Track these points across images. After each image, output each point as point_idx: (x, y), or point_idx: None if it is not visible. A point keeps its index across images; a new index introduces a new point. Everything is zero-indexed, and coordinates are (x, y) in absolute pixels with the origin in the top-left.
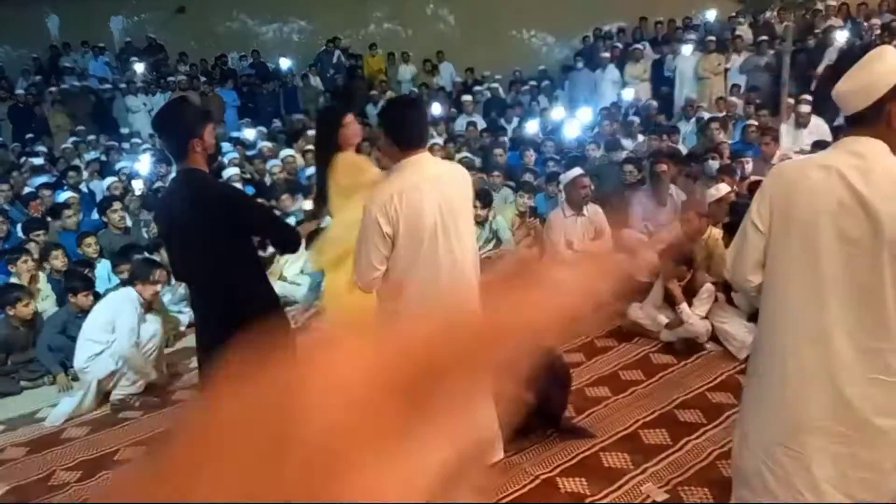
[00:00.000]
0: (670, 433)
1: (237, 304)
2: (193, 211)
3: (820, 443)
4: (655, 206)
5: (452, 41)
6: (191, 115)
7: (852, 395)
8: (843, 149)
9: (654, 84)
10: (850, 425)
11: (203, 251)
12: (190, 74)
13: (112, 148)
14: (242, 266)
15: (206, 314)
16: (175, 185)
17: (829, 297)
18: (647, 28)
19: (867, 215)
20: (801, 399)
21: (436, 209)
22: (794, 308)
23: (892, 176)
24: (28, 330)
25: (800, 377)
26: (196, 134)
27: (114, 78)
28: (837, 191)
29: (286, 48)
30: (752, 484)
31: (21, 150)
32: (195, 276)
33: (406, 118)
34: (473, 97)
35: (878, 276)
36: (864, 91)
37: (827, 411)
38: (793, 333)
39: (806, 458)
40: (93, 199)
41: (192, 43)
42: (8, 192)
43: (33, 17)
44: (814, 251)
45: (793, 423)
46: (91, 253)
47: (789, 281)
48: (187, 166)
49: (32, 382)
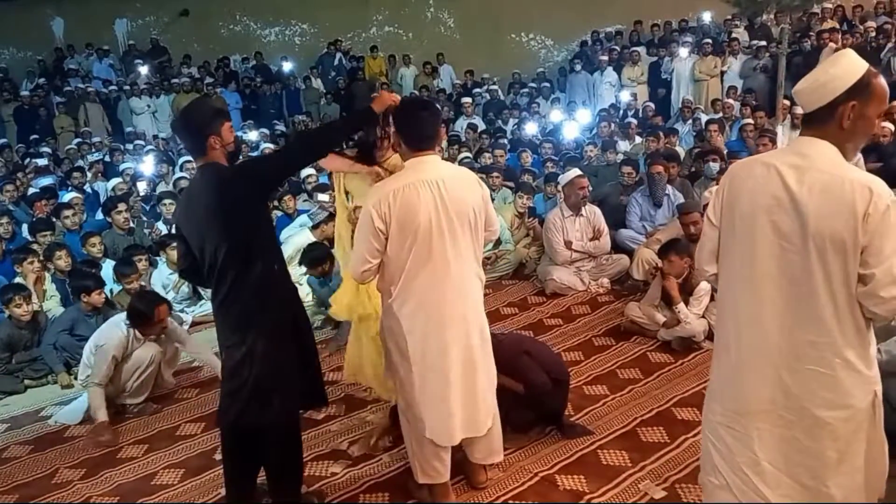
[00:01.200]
0: (668, 431)
1: (266, 289)
2: (217, 195)
3: (762, 424)
4: (652, 206)
5: (452, 44)
6: (208, 113)
7: (791, 382)
8: (791, 148)
9: (651, 86)
10: (790, 411)
11: (229, 235)
12: (193, 76)
13: (116, 149)
14: (269, 252)
15: (230, 305)
16: (196, 181)
17: (765, 288)
18: (644, 31)
19: (796, 212)
20: (743, 382)
21: (431, 210)
22: (736, 297)
23: (828, 175)
24: (32, 329)
25: (741, 362)
26: (214, 131)
27: (118, 80)
28: (773, 187)
29: (288, 50)
30: (704, 463)
31: (25, 152)
32: (224, 263)
33: (418, 119)
34: (473, 99)
35: (808, 272)
36: (819, 92)
37: (768, 395)
38: (734, 320)
39: (749, 439)
40: (97, 200)
41: (196, 45)
42: (13, 193)
43: (38, 20)
44: (752, 244)
45: (736, 404)
46: (96, 253)
47: (733, 271)
48: (207, 161)
49: (36, 381)
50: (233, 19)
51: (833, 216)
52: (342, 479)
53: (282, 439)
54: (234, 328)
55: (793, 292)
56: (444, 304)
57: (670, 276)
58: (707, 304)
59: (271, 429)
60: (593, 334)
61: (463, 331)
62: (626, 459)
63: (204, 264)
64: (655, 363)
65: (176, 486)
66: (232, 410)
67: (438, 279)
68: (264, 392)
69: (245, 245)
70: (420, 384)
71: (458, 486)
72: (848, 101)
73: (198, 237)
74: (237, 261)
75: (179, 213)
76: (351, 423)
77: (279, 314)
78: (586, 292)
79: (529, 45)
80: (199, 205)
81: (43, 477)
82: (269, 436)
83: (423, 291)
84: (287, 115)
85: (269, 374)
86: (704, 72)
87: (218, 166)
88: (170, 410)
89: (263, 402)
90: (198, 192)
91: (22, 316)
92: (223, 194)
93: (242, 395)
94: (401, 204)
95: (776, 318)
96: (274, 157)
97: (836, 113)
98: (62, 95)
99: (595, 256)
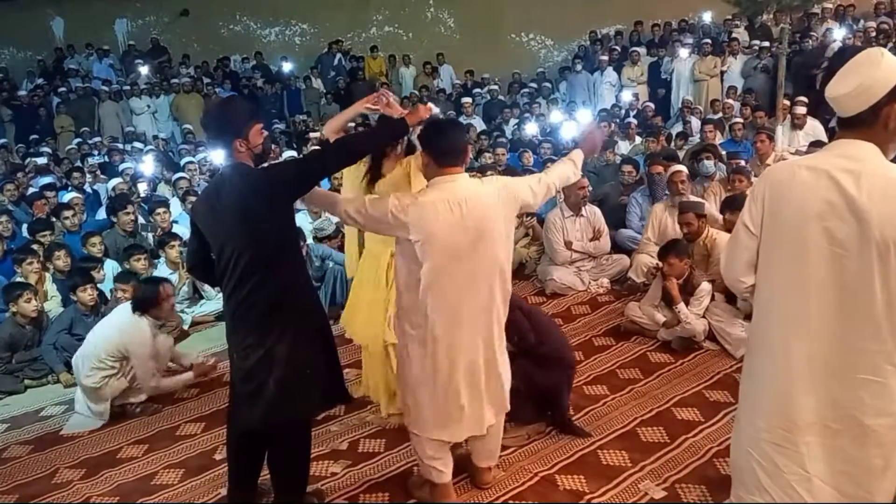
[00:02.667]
0: (668, 431)
1: (286, 289)
2: (246, 198)
3: (811, 438)
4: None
5: (452, 44)
6: (235, 115)
7: (839, 391)
8: (833, 151)
9: (650, 86)
10: (837, 420)
11: (255, 240)
12: (193, 77)
13: (114, 150)
14: (291, 254)
15: (249, 308)
16: (222, 179)
17: (815, 296)
18: (644, 31)
19: (856, 217)
20: (792, 395)
21: (449, 230)
22: (783, 308)
23: (884, 178)
24: (34, 328)
25: (790, 374)
26: (240, 134)
27: (118, 80)
28: (826, 192)
29: (288, 50)
30: (746, 482)
31: (25, 151)
32: (247, 267)
33: (447, 138)
34: (473, 99)
35: (866, 278)
36: (863, 96)
37: (816, 409)
38: (781, 333)
39: (799, 455)
40: (97, 200)
41: (196, 45)
42: (13, 193)
43: (38, 20)
44: (801, 252)
45: (785, 420)
46: (96, 253)
47: (778, 281)
48: (234, 162)
49: (36, 381)
50: (233, 19)
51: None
52: (342, 479)
53: (298, 440)
54: (252, 330)
55: (845, 300)
56: (462, 309)
57: (671, 276)
58: (707, 305)
59: (291, 430)
60: (593, 334)
61: (478, 332)
62: (626, 459)
63: (220, 263)
64: (655, 363)
65: (176, 485)
66: (254, 413)
67: (459, 288)
68: (290, 393)
69: (271, 251)
70: (427, 382)
71: (460, 484)
72: (891, 101)
73: (220, 236)
74: (261, 266)
75: (199, 208)
76: (351, 422)
77: (301, 321)
78: (586, 292)
79: (529, 45)
80: (225, 204)
81: (43, 477)
82: (286, 437)
83: (444, 295)
84: (287, 115)
85: (292, 375)
86: (704, 72)
87: (247, 168)
88: (170, 410)
89: (289, 403)
90: (225, 191)
91: (31, 312)
92: (253, 198)
93: (265, 398)
94: (420, 217)
95: (826, 327)
96: (304, 162)
97: (881, 115)
98: (63, 95)
99: (595, 256)
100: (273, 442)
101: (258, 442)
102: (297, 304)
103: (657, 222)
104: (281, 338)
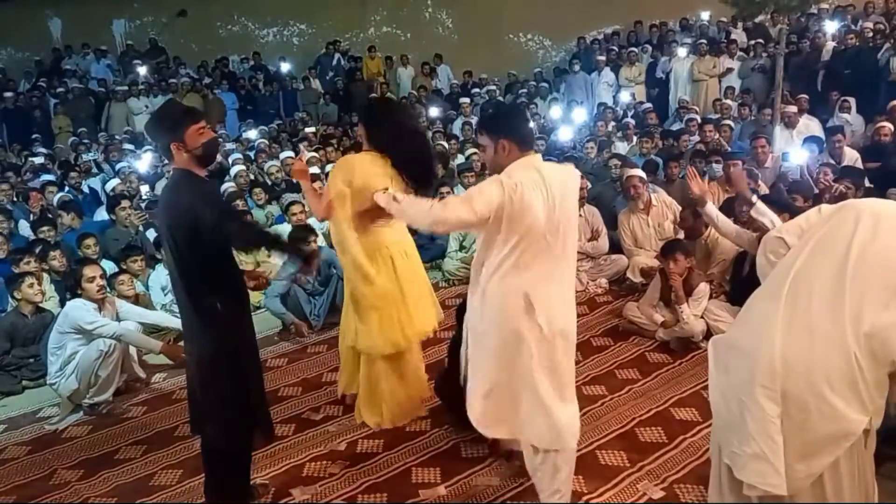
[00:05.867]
0: (666, 431)
1: (205, 319)
2: (170, 215)
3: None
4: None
5: (450, 44)
6: (169, 119)
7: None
8: None
9: (648, 87)
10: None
11: (177, 256)
12: (192, 77)
13: (112, 146)
14: (213, 287)
15: (181, 312)
16: (165, 188)
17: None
18: (642, 31)
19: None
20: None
21: (542, 208)
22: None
23: None
24: (35, 320)
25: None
26: (175, 137)
27: (115, 80)
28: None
29: (286, 51)
30: (735, 430)
31: (20, 151)
32: (174, 276)
33: (523, 123)
34: (471, 99)
35: None
36: None
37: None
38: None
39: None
40: (94, 200)
41: (194, 46)
42: (10, 192)
43: (36, 20)
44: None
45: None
46: (91, 254)
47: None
48: (176, 167)
49: (34, 382)
50: (231, 20)
51: None
52: (340, 480)
53: (213, 454)
54: (184, 335)
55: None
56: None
57: (675, 275)
58: (706, 305)
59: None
60: (591, 334)
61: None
62: (624, 460)
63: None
64: (653, 363)
65: (174, 486)
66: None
67: (558, 275)
68: (206, 404)
69: (187, 271)
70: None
71: (455, 487)
72: None
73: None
74: (181, 281)
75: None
76: (349, 423)
77: (216, 345)
78: (584, 292)
79: (527, 45)
80: (160, 215)
81: (41, 478)
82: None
83: (535, 280)
84: (285, 115)
85: (201, 387)
86: (703, 72)
87: (183, 180)
88: (168, 411)
89: (208, 416)
90: (162, 202)
91: (34, 296)
92: (180, 217)
93: (194, 401)
94: (518, 198)
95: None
96: (225, 220)
97: None
98: (60, 96)
99: (593, 257)
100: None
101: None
102: (214, 331)
103: (628, 230)
104: (200, 354)
